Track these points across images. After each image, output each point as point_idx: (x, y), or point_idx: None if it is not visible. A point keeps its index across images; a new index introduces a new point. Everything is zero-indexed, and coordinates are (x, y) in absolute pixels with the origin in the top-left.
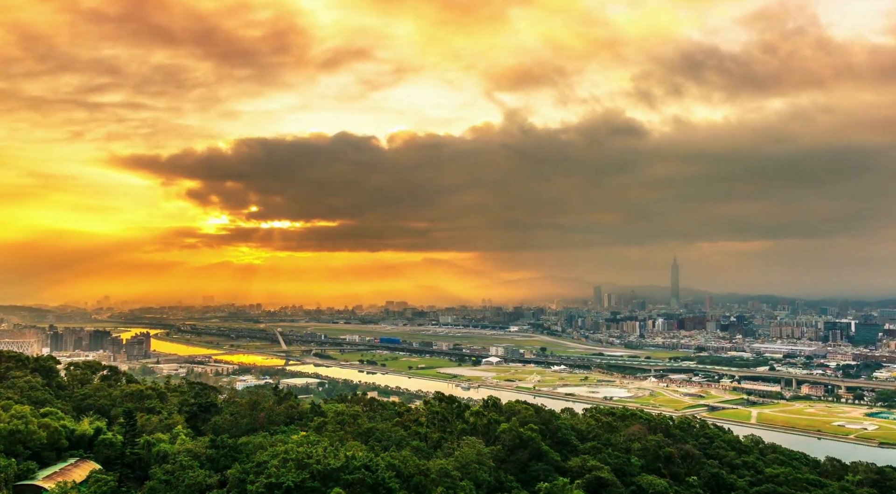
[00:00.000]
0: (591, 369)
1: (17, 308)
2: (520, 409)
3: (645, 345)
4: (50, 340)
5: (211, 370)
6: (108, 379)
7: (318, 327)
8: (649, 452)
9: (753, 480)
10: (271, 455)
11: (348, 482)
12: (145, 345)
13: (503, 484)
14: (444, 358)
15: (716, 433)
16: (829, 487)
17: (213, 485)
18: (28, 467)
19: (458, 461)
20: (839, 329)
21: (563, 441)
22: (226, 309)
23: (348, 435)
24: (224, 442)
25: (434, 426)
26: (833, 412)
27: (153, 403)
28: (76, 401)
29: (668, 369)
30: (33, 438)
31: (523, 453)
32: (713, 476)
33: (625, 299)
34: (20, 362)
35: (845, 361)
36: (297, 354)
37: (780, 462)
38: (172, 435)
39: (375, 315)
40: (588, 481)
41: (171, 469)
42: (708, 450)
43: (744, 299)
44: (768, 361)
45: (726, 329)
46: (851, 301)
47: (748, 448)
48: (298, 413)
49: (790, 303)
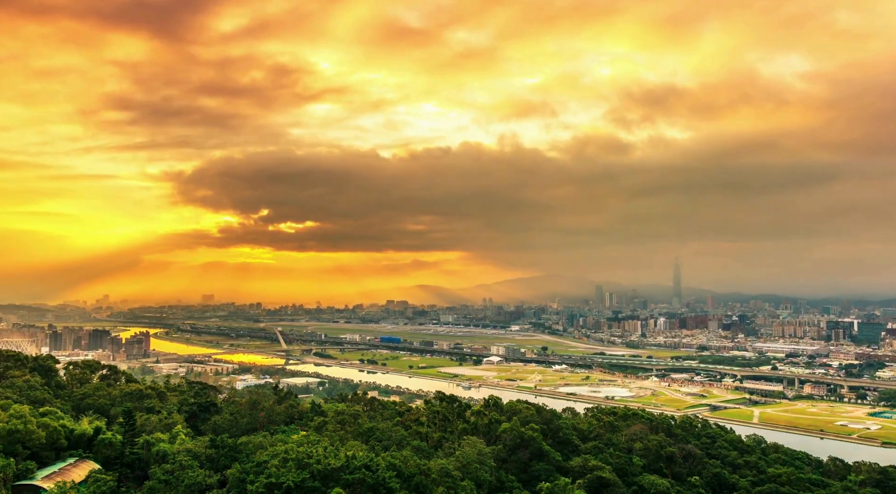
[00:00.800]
0: (592, 368)
1: (16, 307)
2: (521, 409)
3: (647, 344)
4: (49, 339)
5: (211, 370)
6: (108, 379)
7: (319, 326)
8: (651, 452)
9: (756, 480)
10: (271, 454)
11: (349, 482)
12: (145, 344)
13: (504, 484)
14: (444, 358)
15: (718, 432)
16: (831, 487)
17: (212, 485)
18: (27, 467)
19: (459, 461)
20: (842, 329)
21: (565, 440)
22: (226, 308)
23: (349, 435)
24: (224, 442)
25: (435, 425)
26: (836, 412)
27: (152, 402)
28: (75, 401)
29: (669, 368)
30: (32, 438)
31: (524, 453)
32: (715, 476)
33: (626, 298)
34: (19, 361)
35: (848, 360)
36: (297, 353)
37: (783, 461)
38: (172, 435)
39: (376, 314)
40: (590, 481)
41: (171, 468)
42: (710, 450)
43: (746, 298)
44: (770, 360)
45: (728, 329)
46: (854, 300)
47: (750, 448)
48: (298, 413)
49: (792, 302)
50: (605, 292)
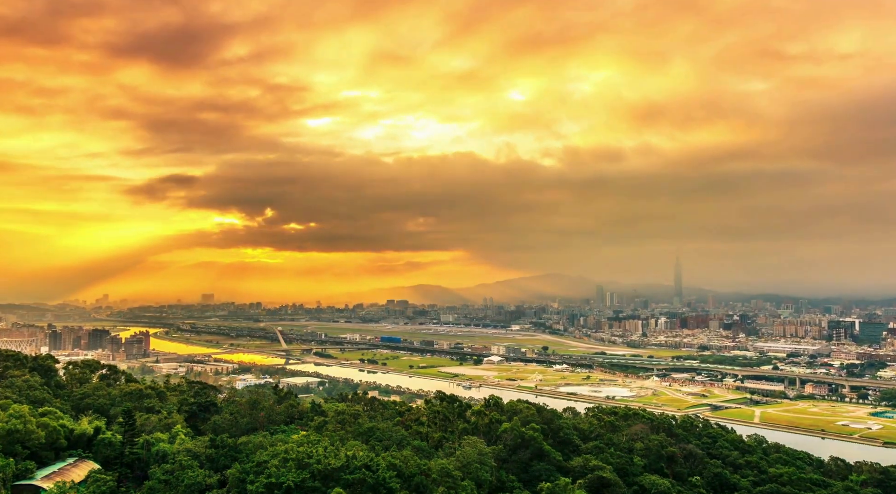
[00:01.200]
0: (593, 368)
1: (16, 307)
2: (521, 408)
3: (647, 344)
4: (48, 339)
5: (210, 370)
6: (107, 378)
7: (319, 326)
8: (652, 452)
9: (757, 480)
10: (271, 454)
11: (349, 482)
12: (144, 344)
13: (505, 484)
14: (445, 357)
15: (719, 432)
16: (833, 487)
17: (212, 485)
18: (26, 467)
19: (459, 460)
20: (843, 328)
21: (565, 440)
22: (225, 308)
23: (349, 435)
24: (224, 442)
25: (435, 425)
26: (837, 412)
27: (152, 402)
28: (75, 400)
29: (670, 368)
30: (32, 437)
31: (525, 453)
32: (716, 476)
33: (627, 297)
34: (18, 361)
35: (849, 360)
36: (297, 353)
37: (784, 461)
38: (172, 435)
39: (376, 314)
40: (590, 481)
41: (171, 468)
42: (711, 450)
43: (747, 297)
44: (772, 360)
45: (729, 328)
46: (855, 300)
47: (751, 448)
48: (299, 413)
49: (794, 302)
50: (605, 292)
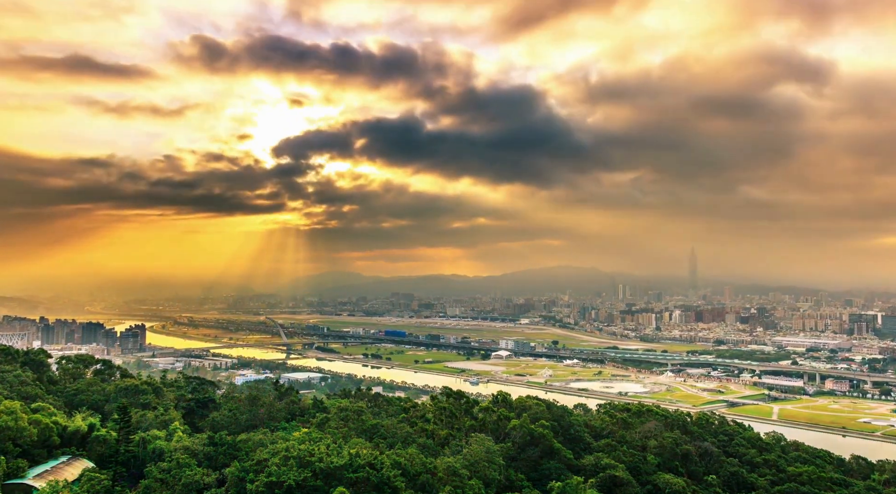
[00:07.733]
0: (605, 363)
1: (7, 299)
2: (531, 405)
3: (661, 338)
4: (41, 332)
5: (209, 364)
6: (102, 374)
7: (321, 319)
8: (666, 450)
9: (775, 479)
10: (272, 452)
11: (352, 480)
12: (140, 338)
13: (513, 483)
14: (451, 352)
15: (735, 430)
16: (854, 486)
17: (210, 484)
18: (18, 465)
19: (466, 459)
20: (865, 322)
21: (576, 438)
22: (225, 301)
23: (352, 432)
24: (222, 439)
25: (441, 422)
26: (858, 409)
27: (148, 398)
28: (68, 396)
29: (685, 363)
30: (23, 435)
31: (534, 450)
32: (733, 475)
33: (640, 290)
34: (9, 355)
35: (871, 355)
36: (298, 347)
37: (803, 460)
38: (169, 432)
39: (380, 307)
40: (602, 480)
41: (168, 467)
42: (727, 448)
43: (765, 289)
44: (790, 355)
45: (746, 322)
46: (878, 292)
47: (769, 446)
48: (300, 409)
49: (813, 294)
50: (617, 284)
